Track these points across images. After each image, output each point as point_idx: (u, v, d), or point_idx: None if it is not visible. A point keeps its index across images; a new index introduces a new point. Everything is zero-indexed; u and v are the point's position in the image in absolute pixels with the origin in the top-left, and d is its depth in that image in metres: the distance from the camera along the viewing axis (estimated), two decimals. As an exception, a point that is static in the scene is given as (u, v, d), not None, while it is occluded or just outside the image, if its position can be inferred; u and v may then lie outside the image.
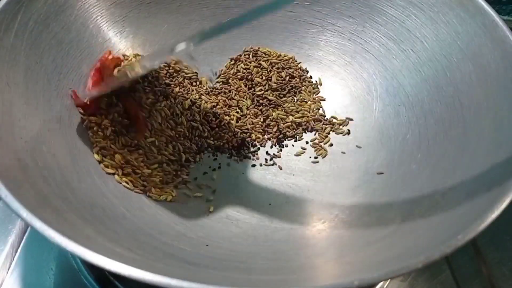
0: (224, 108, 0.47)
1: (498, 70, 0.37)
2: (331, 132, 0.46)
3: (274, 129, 0.46)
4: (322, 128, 0.47)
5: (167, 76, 0.47)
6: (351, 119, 0.47)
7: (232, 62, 0.50)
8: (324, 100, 0.48)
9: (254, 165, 0.44)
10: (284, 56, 0.50)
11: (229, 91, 0.48)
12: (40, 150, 0.35)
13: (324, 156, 0.45)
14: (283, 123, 0.47)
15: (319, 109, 0.48)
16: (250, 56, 0.49)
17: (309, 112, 0.47)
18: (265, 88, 0.48)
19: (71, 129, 0.40)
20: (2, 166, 0.30)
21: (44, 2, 0.40)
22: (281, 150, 0.46)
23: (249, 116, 0.47)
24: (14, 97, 0.36)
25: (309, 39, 0.49)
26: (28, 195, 0.30)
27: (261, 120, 0.47)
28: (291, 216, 0.40)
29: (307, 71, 0.50)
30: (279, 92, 0.48)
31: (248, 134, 0.46)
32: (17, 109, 0.35)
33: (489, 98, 0.37)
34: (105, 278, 0.39)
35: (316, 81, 0.49)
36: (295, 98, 0.48)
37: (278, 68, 0.49)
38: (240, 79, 0.49)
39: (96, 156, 0.39)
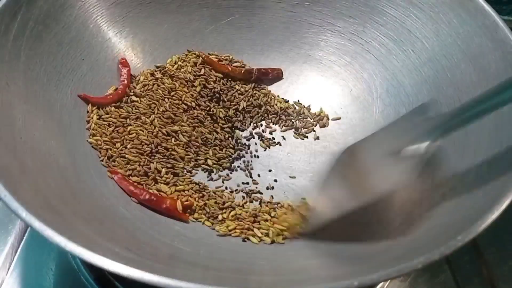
0: None
1: (498, 70, 0.37)
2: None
3: None
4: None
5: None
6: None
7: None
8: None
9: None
10: None
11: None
12: (40, 150, 0.35)
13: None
14: None
15: None
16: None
17: None
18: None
19: (71, 129, 0.40)
20: (2, 166, 0.30)
21: (44, 1, 0.40)
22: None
23: None
24: (14, 97, 0.36)
25: (309, 39, 0.49)
26: (28, 195, 0.29)
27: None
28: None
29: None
30: None
31: None
32: (17, 109, 0.35)
33: (490, 98, 0.37)
34: (105, 278, 0.39)
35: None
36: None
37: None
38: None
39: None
